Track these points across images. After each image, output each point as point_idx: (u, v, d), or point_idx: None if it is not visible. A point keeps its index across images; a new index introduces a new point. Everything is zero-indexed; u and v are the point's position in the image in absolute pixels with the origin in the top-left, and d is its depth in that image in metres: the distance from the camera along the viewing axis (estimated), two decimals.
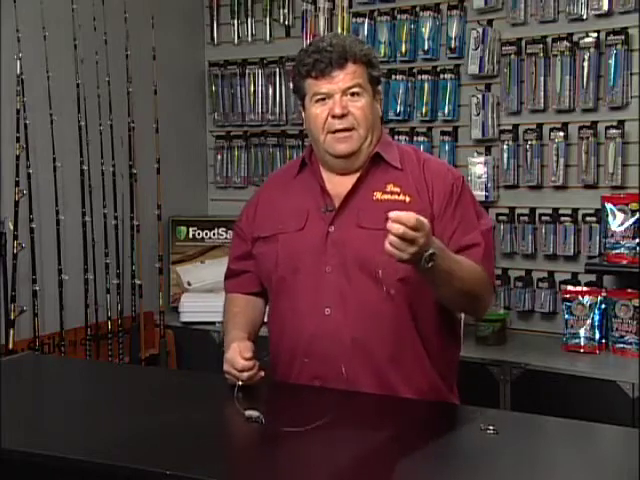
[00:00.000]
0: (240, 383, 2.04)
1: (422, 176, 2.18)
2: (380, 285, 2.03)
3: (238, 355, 2.07)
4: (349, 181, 2.19)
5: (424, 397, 2.13)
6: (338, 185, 2.19)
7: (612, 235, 3.19)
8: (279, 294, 2.23)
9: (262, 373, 2.11)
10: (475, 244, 2.14)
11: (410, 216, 1.82)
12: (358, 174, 2.19)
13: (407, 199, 2.14)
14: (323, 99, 2.13)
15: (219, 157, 4.32)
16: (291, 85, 2.46)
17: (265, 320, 2.36)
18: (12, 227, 3.23)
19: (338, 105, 2.11)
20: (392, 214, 1.82)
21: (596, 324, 3.28)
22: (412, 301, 2.11)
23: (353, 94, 2.13)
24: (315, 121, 2.15)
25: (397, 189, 2.16)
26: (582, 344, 3.29)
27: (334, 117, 2.12)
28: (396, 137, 3.76)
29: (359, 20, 3.85)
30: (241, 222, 2.37)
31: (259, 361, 2.11)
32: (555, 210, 3.50)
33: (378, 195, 2.16)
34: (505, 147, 3.59)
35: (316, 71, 2.12)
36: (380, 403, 2.08)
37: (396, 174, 2.19)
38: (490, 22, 3.60)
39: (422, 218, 1.84)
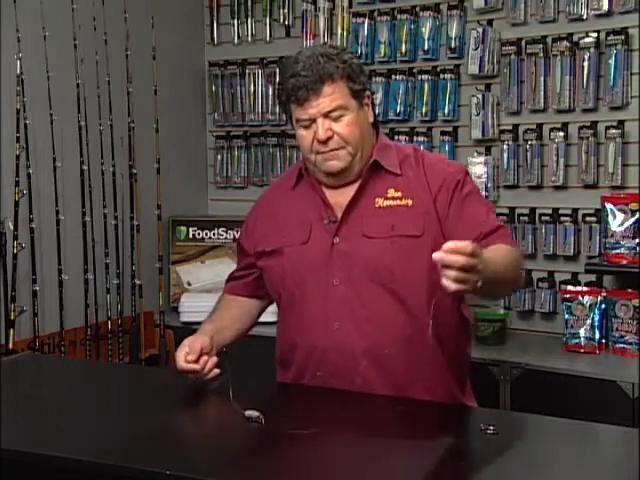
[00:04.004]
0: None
1: (423, 175, 2.15)
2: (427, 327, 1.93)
3: (182, 358, 2.11)
4: (349, 190, 2.16)
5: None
6: (338, 195, 2.17)
7: (612, 235, 3.19)
8: (287, 308, 2.22)
9: (216, 371, 2.13)
10: (498, 227, 2.12)
11: (465, 244, 1.68)
12: (358, 183, 2.16)
13: (409, 202, 2.12)
14: (307, 123, 2.11)
15: (219, 157, 4.32)
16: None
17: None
18: (12, 227, 3.23)
19: (321, 129, 2.08)
20: (446, 246, 1.68)
21: (596, 324, 3.28)
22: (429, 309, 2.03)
23: (336, 115, 2.09)
24: (303, 143, 2.14)
25: (399, 194, 2.14)
26: (582, 344, 3.29)
27: (319, 142, 2.10)
28: (396, 137, 3.76)
29: (359, 20, 3.84)
30: (241, 236, 2.39)
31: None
32: (555, 210, 3.50)
33: (380, 202, 2.14)
34: (505, 147, 3.59)
35: (295, 97, 2.09)
36: (380, 403, 2.08)
37: (396, 178, 2.16)
38: (490, 22, 3.60)
39: (473, 244, 1.72)
